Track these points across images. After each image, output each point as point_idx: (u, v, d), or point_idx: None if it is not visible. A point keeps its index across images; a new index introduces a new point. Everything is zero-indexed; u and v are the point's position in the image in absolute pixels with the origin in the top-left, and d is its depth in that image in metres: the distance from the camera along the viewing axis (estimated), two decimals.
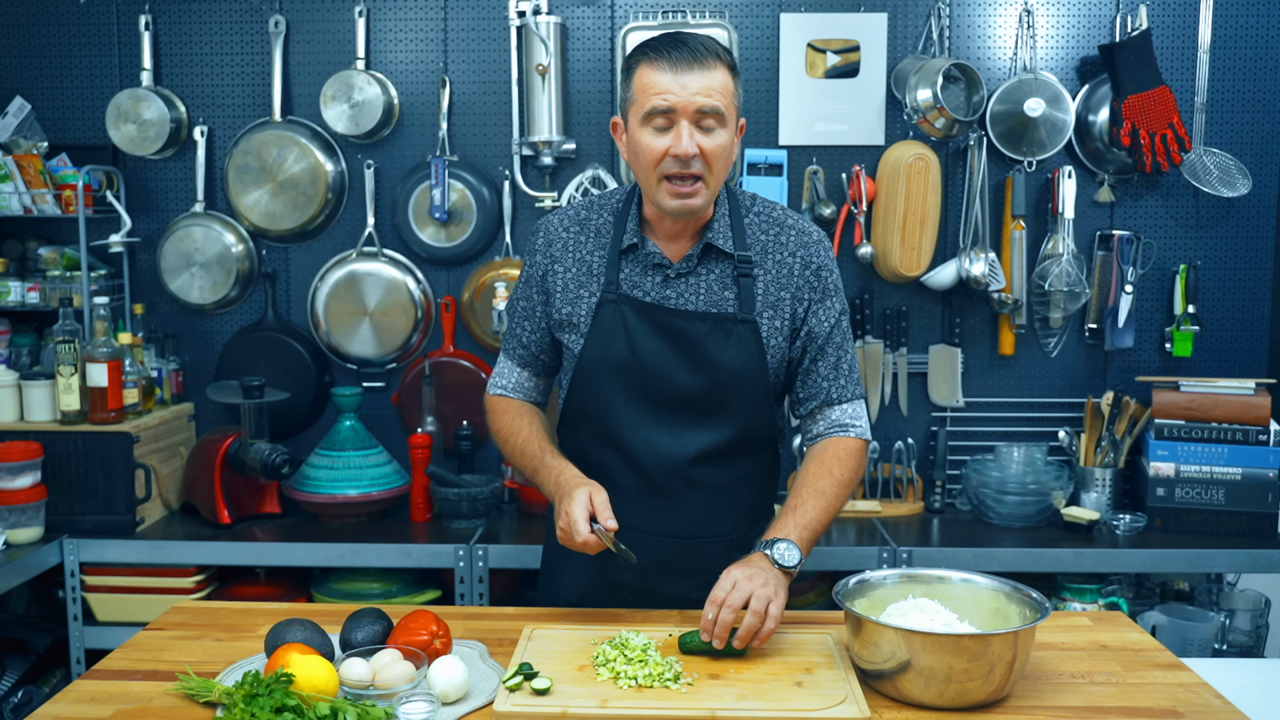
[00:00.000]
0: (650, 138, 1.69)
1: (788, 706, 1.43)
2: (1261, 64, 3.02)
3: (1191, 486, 2.81)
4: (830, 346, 1.83)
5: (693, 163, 1.68)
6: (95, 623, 2.77)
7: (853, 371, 1.86)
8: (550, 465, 1.80)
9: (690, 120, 1.67)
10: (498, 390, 1.96)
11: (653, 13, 3.02)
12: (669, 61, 1.67)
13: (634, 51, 1.73)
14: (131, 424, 2.79)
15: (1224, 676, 1.68)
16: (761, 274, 1.80)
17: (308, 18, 3.07)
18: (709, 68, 1.67)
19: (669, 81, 1.66)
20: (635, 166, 1.75)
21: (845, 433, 1.84)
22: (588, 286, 1.82)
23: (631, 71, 1.72)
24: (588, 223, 1.86)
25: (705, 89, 1.66)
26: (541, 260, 1.86)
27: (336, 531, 2.81)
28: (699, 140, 1.67)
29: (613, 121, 1.81)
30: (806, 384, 1.85)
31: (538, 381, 1.96)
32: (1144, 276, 3.04)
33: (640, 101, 1.69)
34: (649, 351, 1.78)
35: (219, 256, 3.06)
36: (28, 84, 3.12)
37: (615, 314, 1.79)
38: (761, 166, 2.96)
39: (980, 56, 3.02)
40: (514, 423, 1.91)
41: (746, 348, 1.78)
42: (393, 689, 1.44)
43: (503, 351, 1.97)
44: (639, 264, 1.80)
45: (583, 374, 1.82)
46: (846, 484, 1.79)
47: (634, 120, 1.72)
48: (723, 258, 1.80)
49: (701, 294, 1.79)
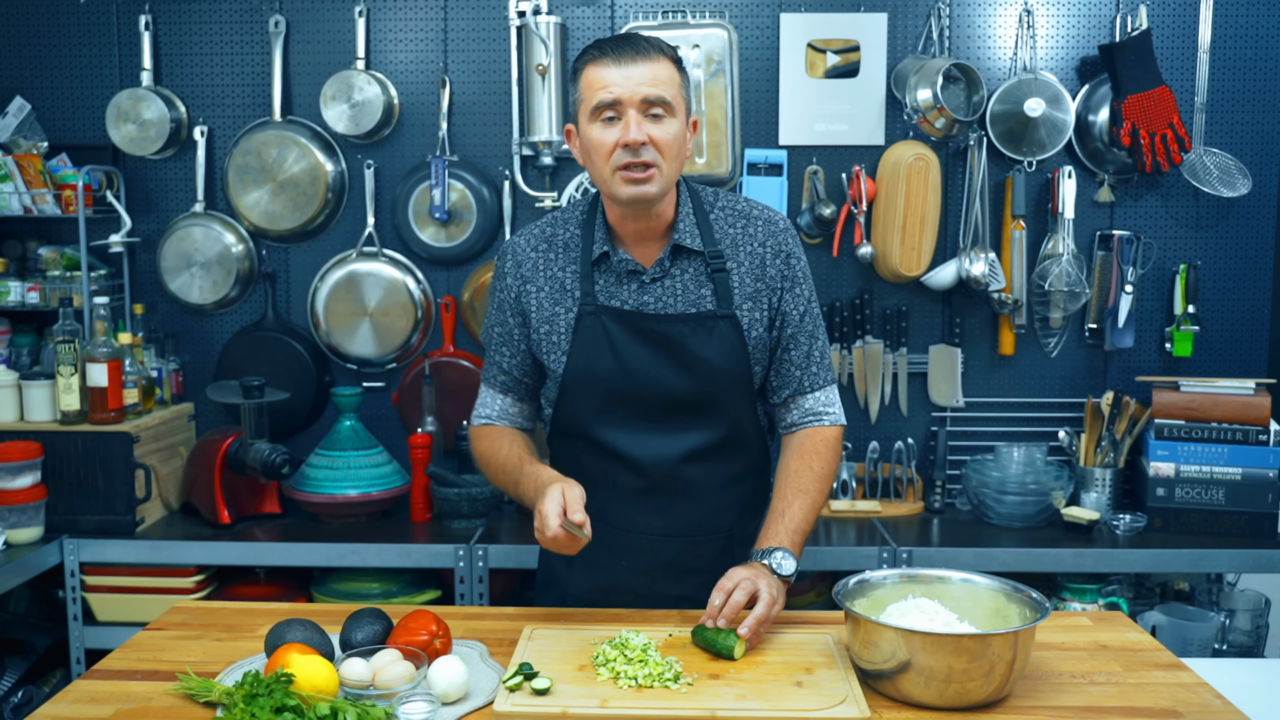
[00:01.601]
0: (600, 132, 1.70)
1: (788, 706, 1.43)
2: (1261, 64, 3.02)
3: (1191, 486, 2.81)
4: (802, 335, 1.84)
5: (643, 151, 1.68)
6: (95, 623, 2.77)
7: (824, 358, 1.87)
8: (529, 472, 1.78)
9: (638, 110, 1.68)
10: (481, 420, 1.94)
11: (652, 13, 3.02)
12: (612, 57, 1.69)
13: (579, 55, 1.75)
14: (131, 424, 2.79)
15: (1224, 676, 1.68)
16: (735, 267, 1.80)
17: (308, 18, 3.07)
18: (652, 60, 1.69)
19: (614, 74, 1.68)
20: (590, 165, 1.75)
21: (820, 421, 1.87)
22: (563, 302, 1.81)
23: (578, 74, 1.74)
24: (554, 238, 1.85)
25: (650, 79, 1.68)
26: (512, 282, 1.85)
27: (336, 531, 2.81)
28: (648, 129, 1.68)
29: (566, 129, 1.82)
30: (779, 373, 1.86)
31: (522, 407, 1.93)
32: (1144, 276, 3.04)
33: (587, 98, 1.71)
34: (634, 359, 1.78)
35: (219, 256, 3.06)
36: (28, 84, 3.12)
37: (596, 325, 1.78)
38: (761, 166, 2.96)
39: (980, 56, 3.02)
40: (495, 443, 1.89)
41: (729, 343, 1.78)
42: (393, 689, 1.44)
43: (483, 381, 1.94)
44: (612, 273, 1.80)
45: (569, 388, 1.82)
46: (828, 477, 1.84)
47: (584, 119, 1.73)
48: (694, 256, 1.80)
49: (679, 295, 1.79)
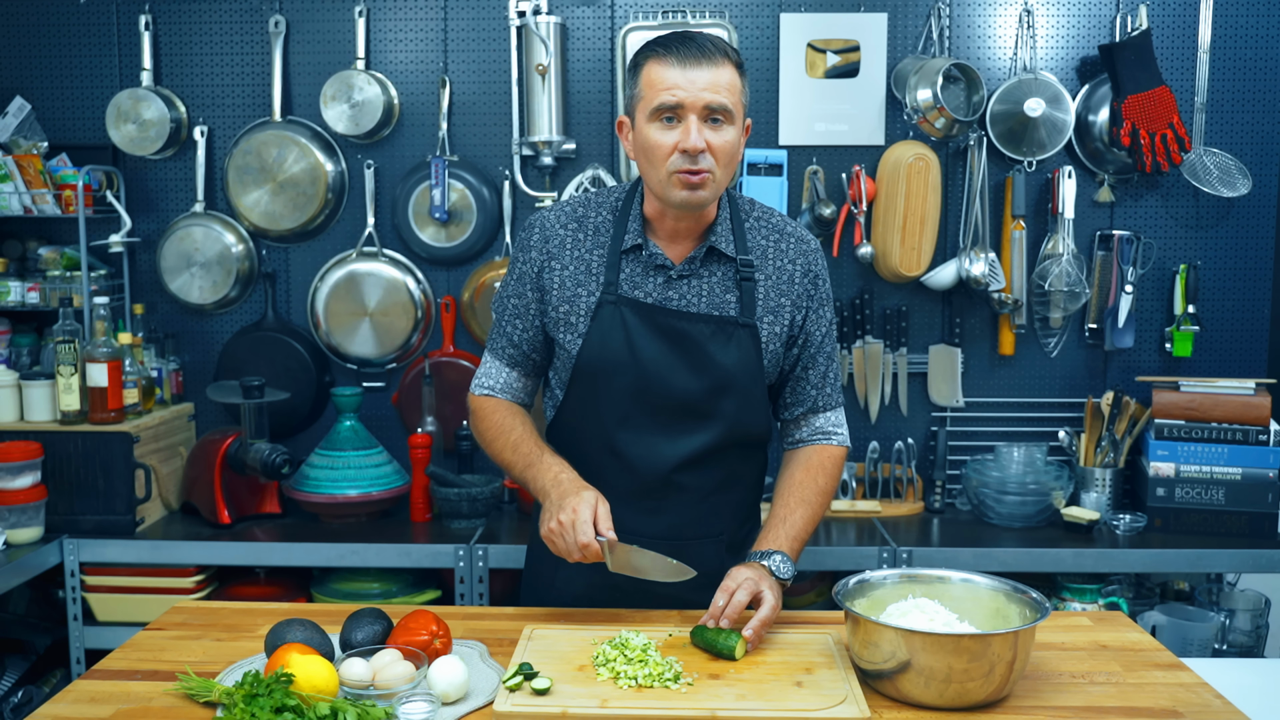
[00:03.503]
0: (659, 133, 1.68)
1: (788, 706, 1.43)
2: (1261, 64, 3.02)
3: (1191, 486, 2.81)
4: (821, 356, 1.86)
5: (701, 159, 1.66)
6: (95, 623, 2.77)
7: (837, 380, 1.91)
8: (549, 463, 1.77)
9: (699, 116, 1.66)
10: (484, 390, 1.90)
11: (653, 13, 3.02)
12: (677, 58, 1.66)
13: (642, 49, 1.72)
14: (131, 424, 2.79)
15: (1224, 676, 1.68)
16: (762, 279, 1.80)
17: (308, 18, 3.07)
18: (717, 64, 1.66)
19: (678, 77, 1.65)
20: (643, 164, 1.73)
21: (828, 440, 1.89)
22: (586, 285, 1.80)
23: (639, 69, 1.71)
24: (585, 220, 1.83)
25: (713, 85, 1.65)
26: (537, 256, 1.82)
27: (336, 531, 2.81)
28: (707, 136, 1.66)
29: (619, 120, 1.80)
30: (795, 391, 1.88)
31: (526, 382, 1.91)
32: (1144, 276, 3.04)
33: (648, 97, 1.68)
34: (649, 353, 1.77)
35: (219, 256, 3.06)
36: (28, 84, 3.12)
37: (615, 315, 1.77)
38: (761, 166, 2.96)
39: (980, 56, 3.02)
40: (505, 421, 1.86)
41: (746, 351, 1.78)
42: (393, 689, 1.44)
43: (489, 351, 1.91)
44: (640, 265, 1.79)
45: (580, 375, 1.80)
46: (829, 493, 1.87)
47: (641, 117, 1.70)
48: (724, 261, 1.79)
49: (704, 296, 1.78)
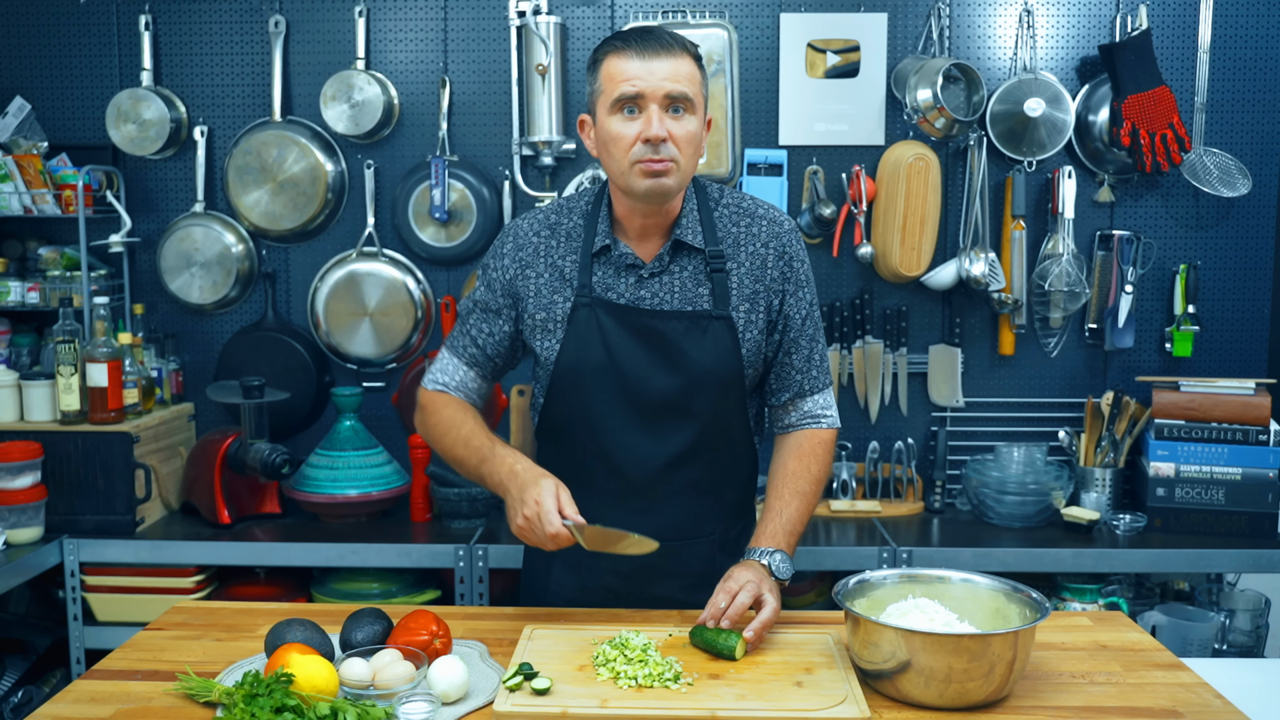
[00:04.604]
0: (620, 125, 1.68)
1: (788, 706, 1.43)
2: (1261, 64, 3.02)
3: (1191, 486, 2.81)
4: (803, 338, 1.84)
5: (663, 147, 1.67)
6: (95, 623, 2.76)
7: (823, 361, 1.88)
8: (503, 455, 1.74)
9: (660, 105, 1.67)
10: (436, 386, 1.87)
11: (653, 13, 3.02)
12: (636, 50, 1.67)
13: (601, 45, 1.73)
14: (131, 424, 2.78)
15: (1224, 676, 1.68)
16: (735, 267, 1.79)
17: (308, 18, 3.07)
18: (676, 56, 1.68)
19: (637, 68, 1.66)
20: (605, 158, 1.73)
21: (818, 424, 1.88)
22: (561, 291, 1.80)
23: (599, 64, 1.72)
24: (558, 226, 1.83)
25: (673, 75, 1.67)
26: (510, 265, 1.83)
27: (336, 531, 2.81)
28: (669, 125, 1.67)
29: (580, 119, 1.80)
30: (780, 376, 1.86)
31: (481, 384, 1.89)
32: (1144, 276, 3.04)
33: (609, 90, 1.69)
34: (626, 354, 1.77)
35: (219, 256, 3.06)
36: (28, 84, 3.12)
37: (590, 318, 1.77)
38: (761, 166, 2.96)
39: (980, 56, 3.02)
40: (456, 415, 1.83)
41: (722, 344, 1.77)
42: (393, 689, 1.44)
43: (447, 347, 1.89)
44: (611, 266, 1.79)
45: (560, 379, 1.80)
46: (823, 480, 1.86)
47: (602, 111, 1.71)
48: (694, 254, 1.79)
49: (676, 292, 1.78)
